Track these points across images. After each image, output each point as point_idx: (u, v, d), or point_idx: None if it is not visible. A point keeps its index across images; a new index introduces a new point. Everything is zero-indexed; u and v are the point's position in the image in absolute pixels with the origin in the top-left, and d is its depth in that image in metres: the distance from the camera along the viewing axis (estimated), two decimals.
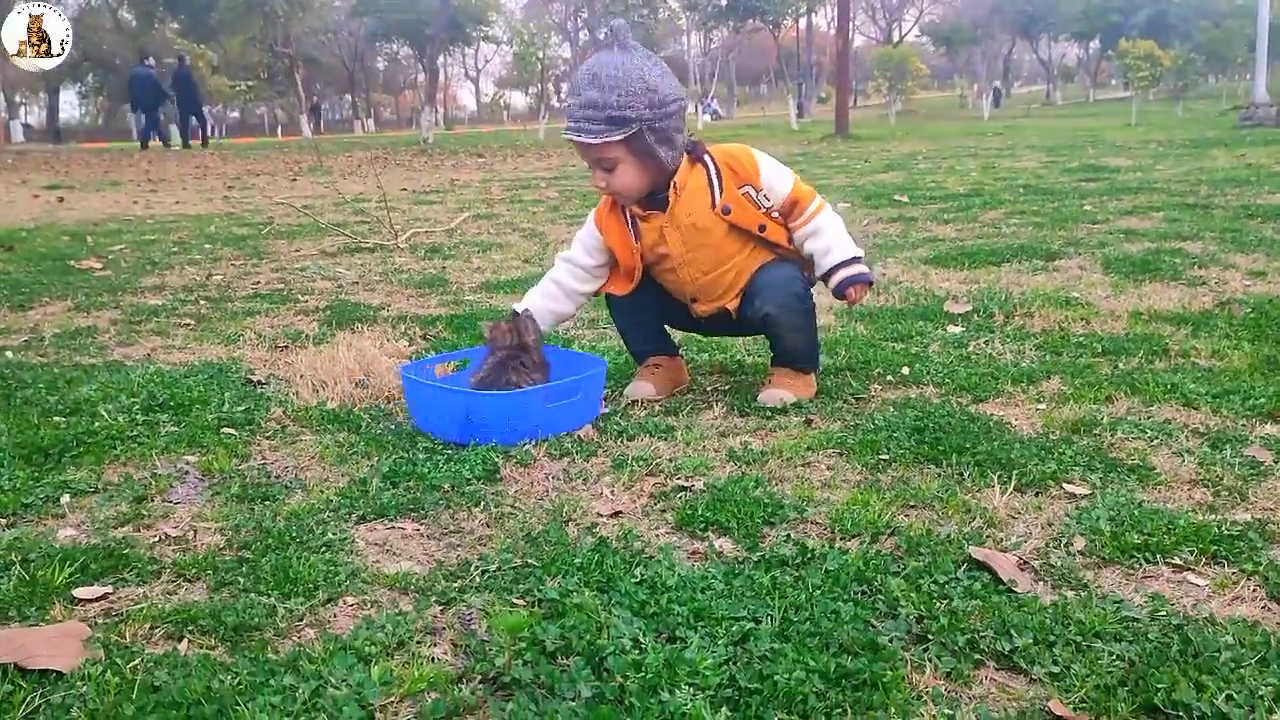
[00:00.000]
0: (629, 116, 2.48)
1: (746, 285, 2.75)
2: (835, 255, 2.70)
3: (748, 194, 2.65)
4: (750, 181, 2.66)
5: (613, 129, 2.48)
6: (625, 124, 2.48)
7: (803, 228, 2.71)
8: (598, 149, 2.52)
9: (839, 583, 1.64)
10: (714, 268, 2.70)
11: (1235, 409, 2.51)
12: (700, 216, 2.65)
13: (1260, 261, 4.55)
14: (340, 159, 18.43)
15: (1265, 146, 12.16)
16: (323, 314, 4.21)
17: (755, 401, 2.74)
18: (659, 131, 2.53)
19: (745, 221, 2.66)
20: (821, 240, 2.71)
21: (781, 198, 2.68)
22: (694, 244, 2.67)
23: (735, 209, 2.64)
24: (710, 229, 2.65)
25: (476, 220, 7.82)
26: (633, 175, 2.59)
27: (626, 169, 2.57)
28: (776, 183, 2.68)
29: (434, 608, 1.61)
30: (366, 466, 2.31)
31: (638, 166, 2.57)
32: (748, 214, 2.66)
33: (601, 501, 2.08)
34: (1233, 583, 1.64)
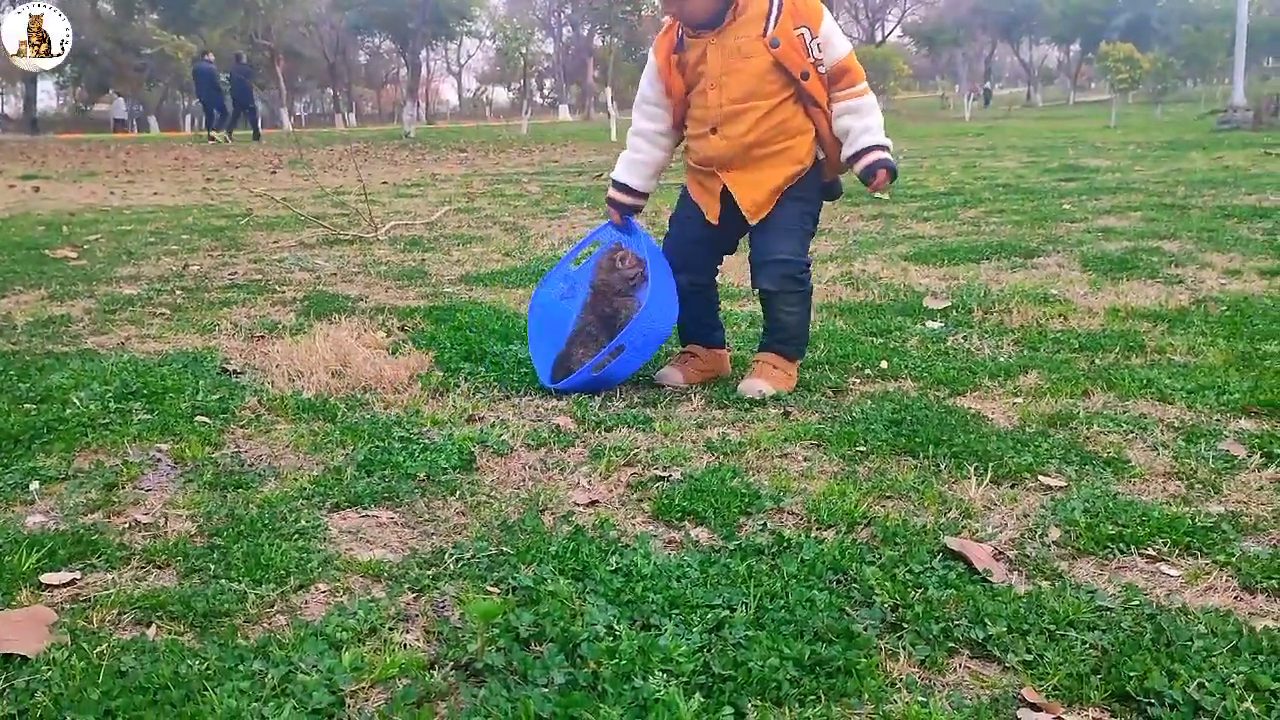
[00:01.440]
0: None
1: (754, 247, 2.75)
2: (870, 137, 2.66)
3: (802, 35, 2.60)
4: (808, 24, 2.60)
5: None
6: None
7: (848, 99, 2.66)
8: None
9: (814, 571, 1.63)
10: (744, 99, 2.64)
11: (1210, 404, 2.52)
12: (747, 42, 2.60)
13: (1236, 261, 4.58)
14: (321, 152, 18.31)
15: (1242, 149, 12.25)
16: (300, 305, 4.18)
17: (735, 392, 2.73)
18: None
19: (790, 61, 2.60)
20: (861, 119, 2.66)
21: (835, 58, 2.64)
22: (732, 68, 2.62)
23: (784, 44, 2.59)
24: (752, 57, 2.61)
25: (457, 214, 7.78)
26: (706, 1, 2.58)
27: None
28: (835, 40, 2.64)
29: (407, 595, 1.60)
30: (341, 455, 2.29)
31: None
32: (795, 55, 2.60)
33: (578, 491, 2.07)
34: (1205, 573, 1.65)
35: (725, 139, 2.69)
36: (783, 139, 2.67)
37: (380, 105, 68.04)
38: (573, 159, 15.29)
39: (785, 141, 2.68)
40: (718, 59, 2.63)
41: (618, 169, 2.93)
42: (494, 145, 20.38)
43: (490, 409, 2.67)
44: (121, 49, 45.63)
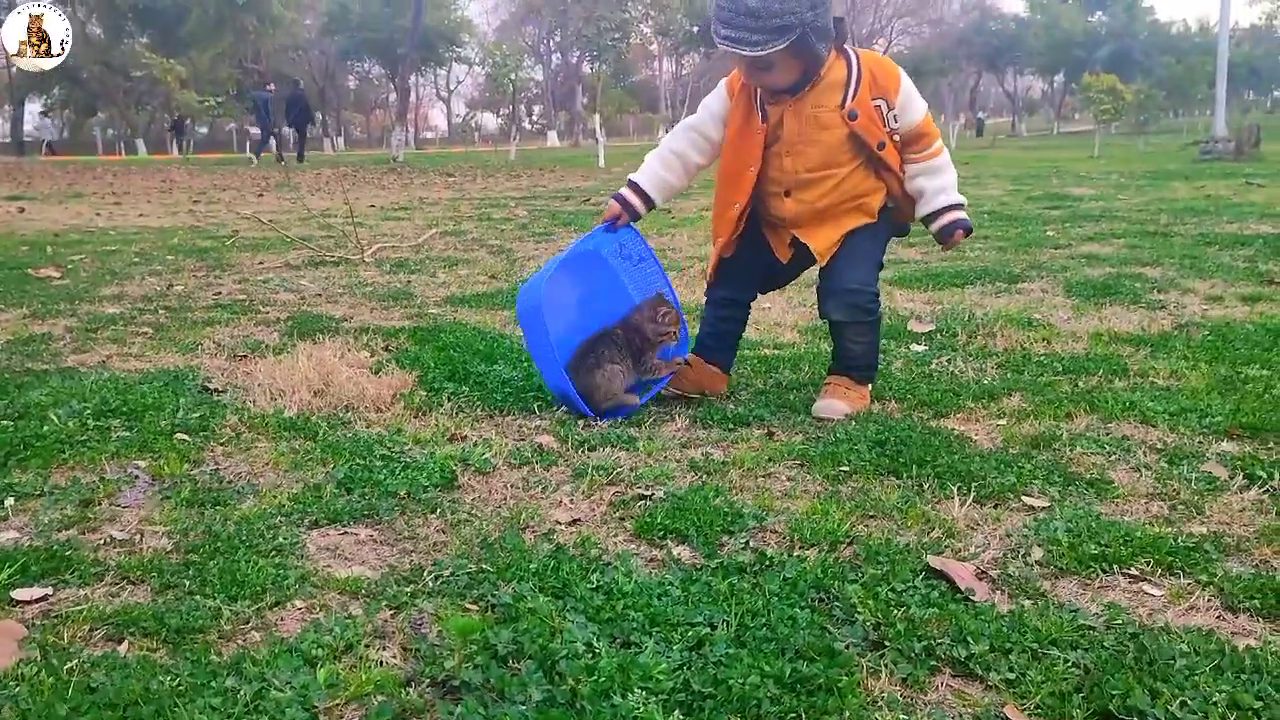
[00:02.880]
0: (792, 23, 2.40)
1: (823, 276, 2.77)
2: (948, 196, 2.72)
3: (879, 107, 2.61)
4: (886, 95, 2.61)
5: (777, 38, 2.41)
6: (788, 32, 2.41)
7: (923, 161, 2.69)
8: (759, 58, 2.46)
9: (796, 589, 1.62)
10: (819, 168, 2.65)
11: (1192, 426, 2.53)
12: (825, 113, 2.60)
13: (1218, 287, 4.61)
14: (309, 175, 18.33)
15: (1224, 179, 12.37)
16: (284, 325, 4.16)
17: (811, 413, 2.71)
18: (820, 29, 2.47)
19: (868, 133, 2.61)
20: (937, 180, 2.71)
21: (911, 125, 2.66)
22: (809, 137, 2.63)
23: (862, 116, 2.59)
24: (830, 127, 2.61)
25: (444, 237, 7.78)
26: (790, 72, 2.55)
27: (785, 68, 2.53)
28: (911, 107, 2.65)
29: (384, 612, 1.58)
30: (321, 473, 2.27)
31: (797, 64, 2.53)
32: (873, 127, 2.61)
33: (560, 509, 2.06)
34: (1188, 593, 1.64)
35: (798, 202, 2.71)
36: (856, 198, 2.71)
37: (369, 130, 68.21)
38: (560, 184, 15.33)
39: (858, 200, 2.72)
40: (795, 126, 2.63)
41: (642, 174, 2.89)
42: (482, 170, 20.43)
43: (473, 428, 2.65)
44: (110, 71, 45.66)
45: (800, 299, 4.53)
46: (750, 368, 3.28)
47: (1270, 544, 1.82)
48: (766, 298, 4.60)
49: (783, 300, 4.52)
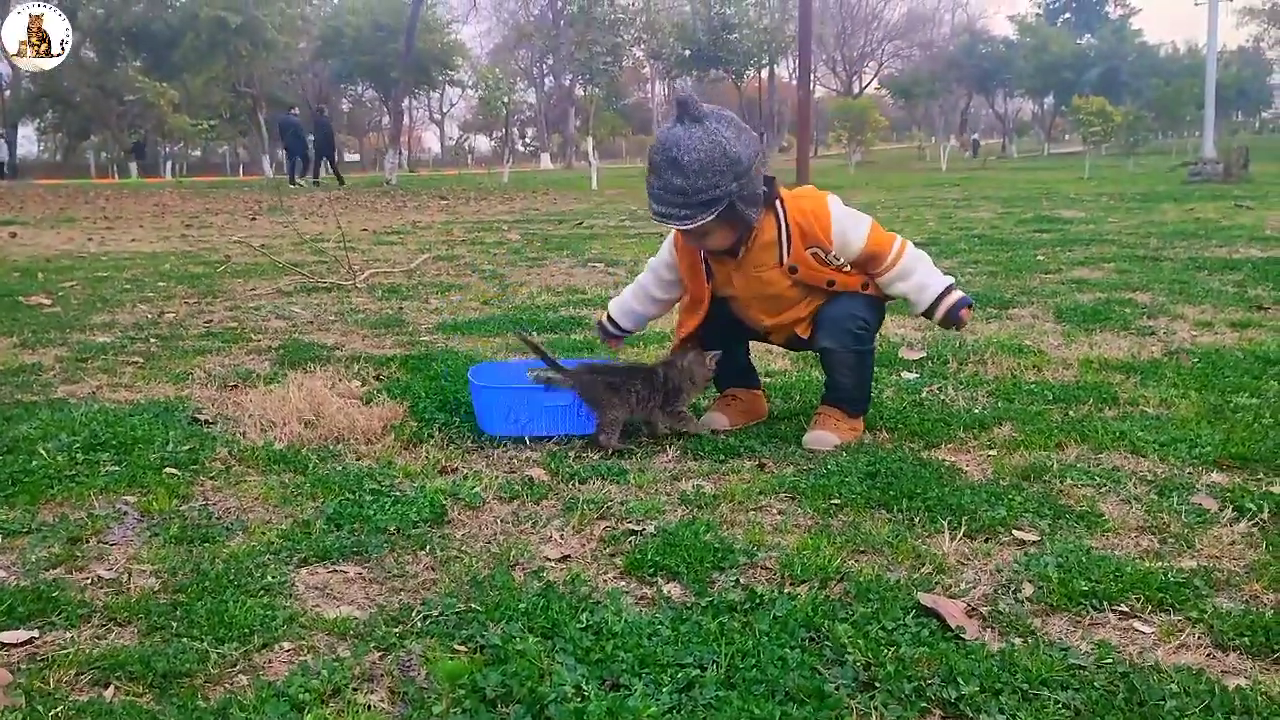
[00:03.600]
0: (718, 196, 2.48)
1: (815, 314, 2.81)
2: (931, 292, 2.75)
3: (816, 254, 2.66)
4: (818, 243, 2.65)
5: (704, 211, 2.49)
6: (716, 204, 2.49)
7: (887, 274, 2.72)
8: (695, 229, 2.55)
9: (787, 629, 1.62)
10: (780, 312, 2.76)
11: (1182, 457, 2.53)
12: (766, 270, 2.69)
13: (1208, 313, 4.63)
14: (301, 199, 18.35)
15: (1213, 201, 12.44)
16: (275, 353, 4.16)
17: (801, 444, 2.73)
18: (747, 197, 2.53)
19: (813, 279, 2.69)
20: (912, 281, 2.73)
21: (856, 254, 2.69)
22: (761, 293, 2.73)
23: (802, 269, 2.67)
24: (775, 281, 2.70)
25: (437, 261, 7.79)
26: (725, 236, 2.63)
27: (720, 234, 2.61)
28: (848, 241, 2.67)
29: (372, 653, 1.57)
30: (311, 508, 2.26)
31: (730, 229, 2.61)
32: (815, 273, 2.68)
33: (550, 545, 2.05)
34: (1178, 630, 1.64)
35: (776, 331, 2.86)
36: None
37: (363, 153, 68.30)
38: (554, 207, 15.38)
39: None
40: (743, 284, 2.74)
41: (614, 304, 3.12)
42: (475, 193, 20.49)
43: (463, 460, 2.65)
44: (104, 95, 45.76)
45: None
46: None
47: (1259, 579, 1.82)
48: None
49: None
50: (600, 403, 2.74)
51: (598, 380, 2.77)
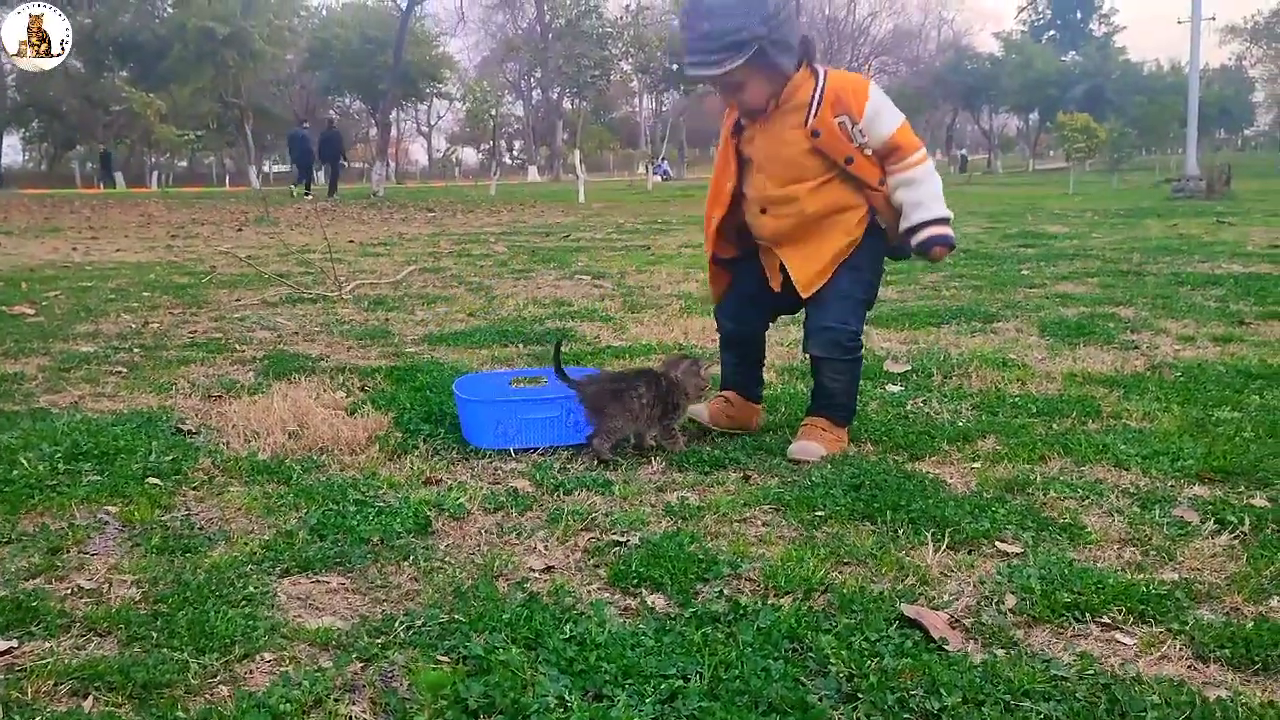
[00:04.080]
0: (745, 39, 2.48)
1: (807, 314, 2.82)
2: (924, 212, 2.67)
3: (843, 124, 2.63)
4: (849, 112, 2.62)
5: (733, 54, 2.50)
6: (744, 47, 2.49)
7: (898, 174, 2.68)
8: (722, 75, 2.55)
9: (770, 640, 1.62)
10: (789, 182, 2.70)
11: (1164, 470, 2.54)
12: (789, 130, 2.66)
13: (1190, 327, 4.66)
14: (288, 210, 18.31)
15: (1196, 217, 12.55)
16: (260, 364, 4.14)
17: (787, 453, 2.73)
18: (777, 43, 2.53)
19: (832, 150, 2.64)
20: (914, 192, 2.68)
21: (880, 139, 2.65)
22: (777, 155, 2.69)
23: (825, 134, 2.63)
24: (794, 143, 2.66)
25: (423, 273, 7.78)
26: (761, 88, 2.62)
27: (754, 85, 2.61)
28: (878, 123, 2.64)
29: (354, 664, 1.57)
30: (294, 518, 2.25)
31: (764, 80, 2.60)
32: (836, 144, 2.64)
33: (534, 556, 2.05)
34: (1160, 642, 1.65)
35: (775, 218, 2.76)
36: (832, 214, 2.72)
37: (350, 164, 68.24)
38: (540, 220, 15.38)
39: (834, 216, 2.72)
40: (764, 144, 2.72)
41: None
42: (462, 205, 20.49)
43: (448, 471, 2.64)
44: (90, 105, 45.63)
45: (778, 338, 4.54)
46: None
47: (1240, 591, 1.83)
48: None
49: None
50: (604, 412, 2.74)
51: (604, 389, 2.77)
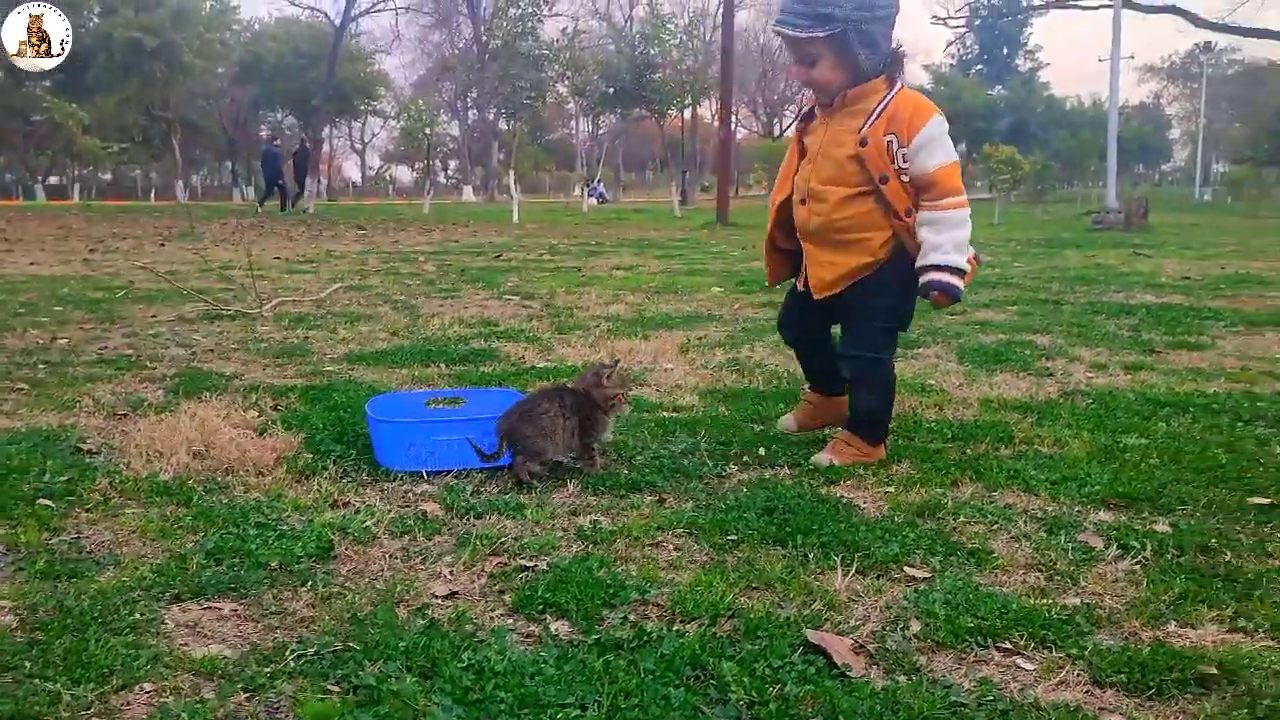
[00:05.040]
0: (835, 15, 2.60)
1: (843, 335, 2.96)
2: (939, 255, 2.69)
3: (890, 143, 2.68)
4: (899, 133, 2.67)
5: (817, 25, 2.61)
6: (830, 21, 2.60)
7: (928, 211, 2.70)
8: (804, 43, 2.66)
9: (673, 667, 1.59)
10: (829, 182, 2.77)
11: (1072, 495, 2.58)
12: (844, 133, 2.74)
13: (1103, 355, 4.76)
14: (214, 225, 17.96)
15: (1114, 248, 12.89)
16: (170, 382, 4.02)
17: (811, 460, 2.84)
18: (864, 34, 2.63)
19: (872, 163, 2.70)
20: (937, 234, 2.69)
21: (921, 171, 2.67)
22: (827, 152, 2.78)
23: (871, 147, 2.69)
24: (845, 145, 2.73)
25: (348, 291, 7.66)
26: (830, 71, 2.70)
27: (825, 64, 2.69)
28: (925, 153, 2.67)
29: (239, 695, 1.51)
30: (191, 542, 2.17)
31: (836, 64, 2.68)
32: (878, 159, 2.69)
33: (438, 582, 2.00)
34: (1059, 667, 1.66)
35: (810, 211, 2.84)
36: (858, 230, 2.77)
37: None
38: (473, 239, 15.28)
39: (860, 233, 2.77)
40: (821, 138, 2.81)
41: None
42: (394, 224, 20.27)
43: (357, 494, 2.58)
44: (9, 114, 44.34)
45: (702, 361, 4.55)
46: (647, 431, 3.26)
47: (1139, 616, 1.85)
48: (668, 359, 4.61)
49: (684, 362, 4.54)
50: (527, 438, 2.69)
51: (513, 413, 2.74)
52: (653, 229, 19.22)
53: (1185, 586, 1.97)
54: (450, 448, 2.77)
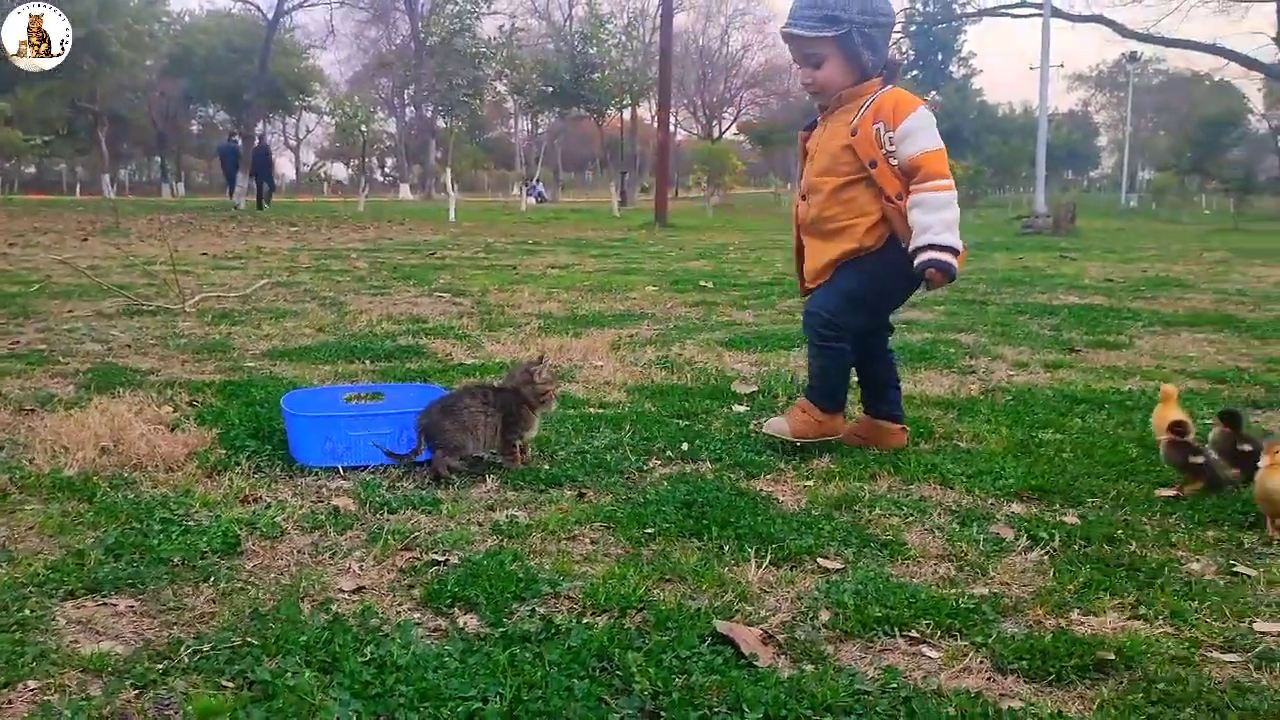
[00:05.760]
0: (841, 17, 2.78)
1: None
2: (930, 236, 2.75)
3: (877, 131, 2.83)
4: (886, 120, 2.82)
5: (825, 26, 2.80)
6: (837, 23, 2.79)
7: (917, 194, 2.79)
8: (809, 43, 2.83)
9: (579, 659, 1.58)
10: (824, 173, 2.92)
11: (987, 488, 2.61)
12: (837, 127, 2.90)
13: (1025, 354, 4.85)
14: (141, 221, 17.54)
15: (1041, 252, 13.16)
16: (83, 377, 3.91)
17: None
18: (867, 36, 2.82)
19: (861, 150, 2.84)
20: (927, 215, 2.77)
21: (907, 155, 2.80)
22: (822, 146, 2.95)
23: (860, 135, 2.84)
24: (839, 137, 2.89)
25: (275, 288, 7.52)
26: (835, 72, 2.87)
27: (831, 66, 2.87)
28: (910, 140, 2.80)
29: (128, 691, 1.46)
30: (91, 538, 2.11)
31: (841, 65, 2.86)
32: (867, 145, 2.83)
33: (346, 577, 1.96)
34: (963, 655, 1.67)
35: (808, 205, 3.00)
36: (848, 217, 2.90)
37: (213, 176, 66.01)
38: (408, 237, 15.12)
39: (849, 220, 2.89)
40: (820, 136, 2.99)
41: None
42: (328, 221, 19.98)
43: (269, 489, 2.52)
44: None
45: (633, 359, 4.54)
46: (572, 427, 3.24)
47: (1044, 605, 1.88)
48: (599, 356, 4.60)
49: (614, 360, 4.52)
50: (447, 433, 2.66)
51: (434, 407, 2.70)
52: (591, 229, 19.20)
53: (1090, 576, 2.01)
54: (367, 442, 2.72)
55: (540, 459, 2.86)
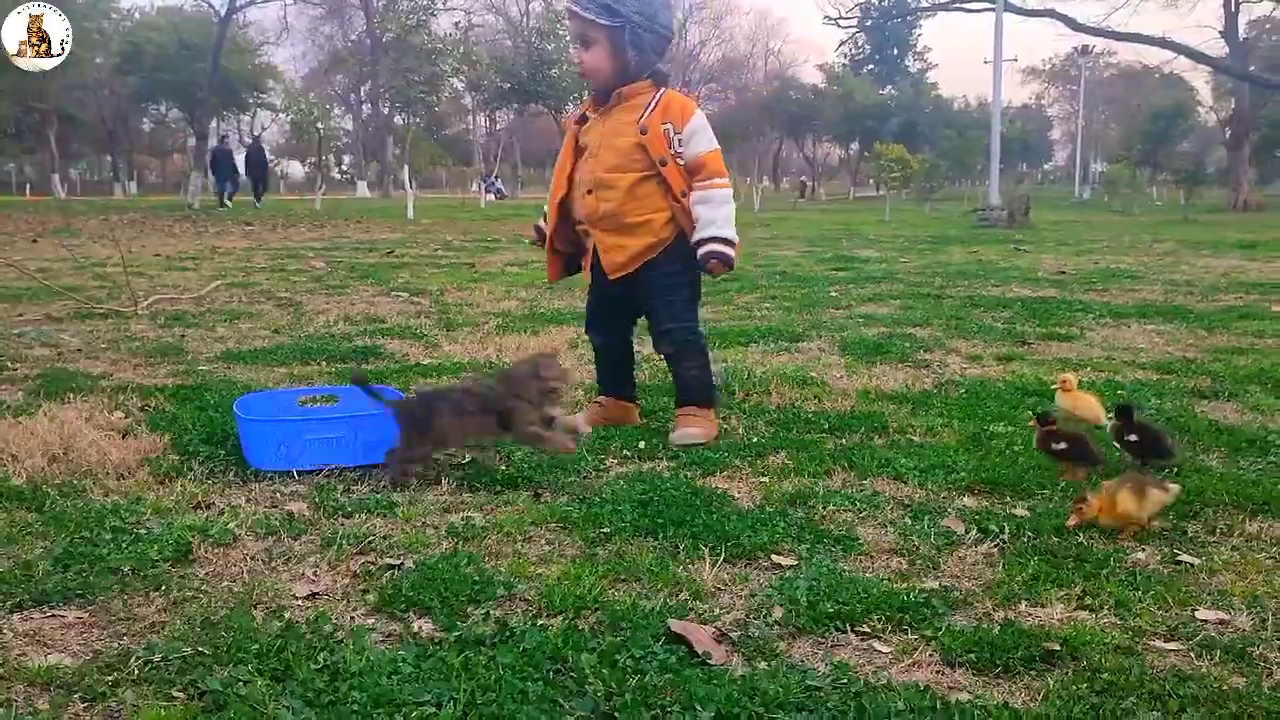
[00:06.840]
0: (620, 10, 2.95)
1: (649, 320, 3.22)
2: (714, 229, 3.03)
3: (666, 131, 3.03)
4: (674, 122, 3.04)
5: (602, 13, 2.96)
6: (614, 14, 2.96)
7: (700, 190, 3.05)
8: (584, 23, 2.99)
9: (533, 661, 1.58)
10: (614, 169, 3.06)
11: (939, 482, 2.65)
12: (623, 125, 3.06)
13: (979, 347, 4.91)
14: (92, 221, 17.26)
15: (996, 244, 13.31)
16: (32, 383, 3.85)
17: (669, 441, 3.03)
18: (638, 37, 2.99)
19: (652, 148, 3.03)
20: (710, 211, 3.04)
21: (694, 155, 3.05)
22: (607, 143, 3.07)
23: (650, 134, 3.03)
24: (626, 136, 3.05)
25: (230, 288, 7.44)
26: (600, 60, 3.03)
27: (598, 53, 3.03)
28: (695, 140, 3.05)
29: (76, 705, 1.45)
30: (39, 548, 2.08)
31: (606, 55, 3.02)
32: (657, 144, 3.03)
33: (300, 583, 1.95)
34: (913, 649, 1.70)
35: (598, 199, 3.09)
36: (645, 212, 3.07)
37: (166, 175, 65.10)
38: (365, 236, 14.99)
39: (645, 215, 3.07)
40: (600, 134, 3.10)
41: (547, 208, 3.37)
42: (284, 220, 19.76)
43: (222, 495, 2.51)
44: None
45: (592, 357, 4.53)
46: None
47: (993, 597, 1.91)
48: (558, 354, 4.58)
49: (574, 358, 4.52)
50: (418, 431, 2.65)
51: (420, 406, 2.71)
52: None
53: (1038, 568, 2.05)
54: (322, 445, 2.71)
55: (497, 459, 2.86)
